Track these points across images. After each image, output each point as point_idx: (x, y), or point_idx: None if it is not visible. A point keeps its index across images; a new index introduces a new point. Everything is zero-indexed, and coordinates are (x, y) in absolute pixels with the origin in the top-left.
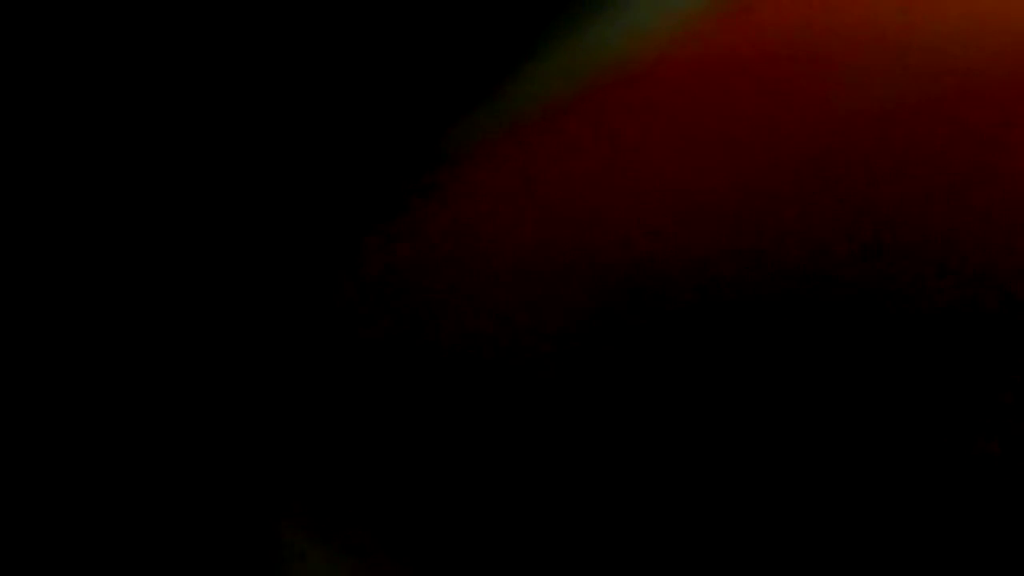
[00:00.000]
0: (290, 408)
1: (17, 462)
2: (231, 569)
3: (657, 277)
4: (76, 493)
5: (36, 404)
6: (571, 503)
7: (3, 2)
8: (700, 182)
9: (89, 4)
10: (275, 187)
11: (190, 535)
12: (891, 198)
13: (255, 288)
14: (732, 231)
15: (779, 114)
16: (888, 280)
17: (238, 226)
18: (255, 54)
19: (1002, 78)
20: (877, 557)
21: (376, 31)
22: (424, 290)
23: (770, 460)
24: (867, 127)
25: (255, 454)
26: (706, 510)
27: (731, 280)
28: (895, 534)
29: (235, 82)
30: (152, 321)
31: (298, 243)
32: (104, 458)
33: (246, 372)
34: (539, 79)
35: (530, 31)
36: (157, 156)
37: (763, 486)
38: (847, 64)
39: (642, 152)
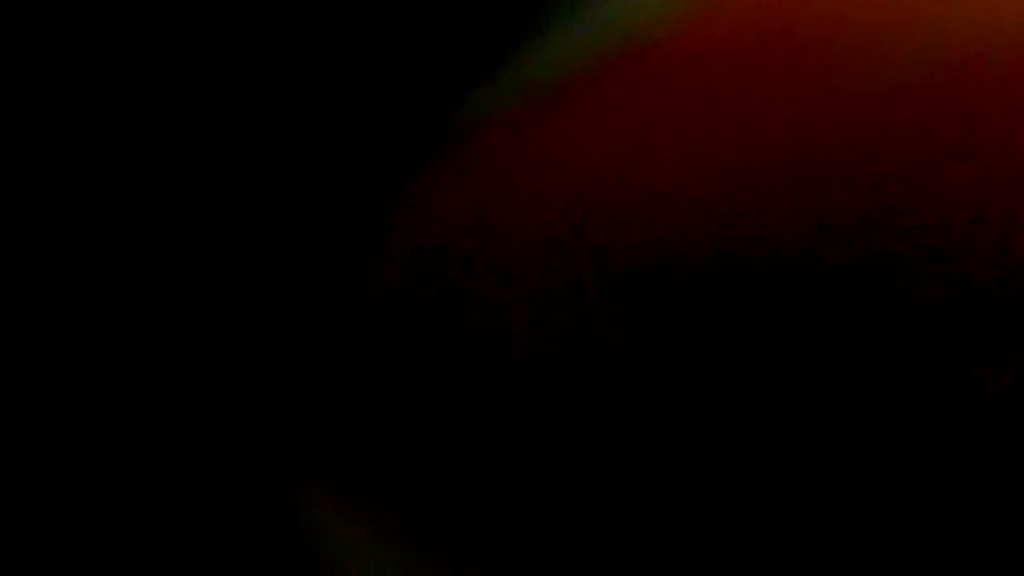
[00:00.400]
0: (308, 376)
1: (30, 431)
2: (246, 535)
3: (671, 254)
4: (90, 463)
5: (50, 380)
6: (581, 477)
7: (3, 2)
8: (712, 159)
9: (88, 4)
10: (287, 171)
11: (204, 504)
12: (895, 180)
13: (274, 262)
14: (743, 209)
15: (788, 93)
16: (891, 262)
17: (256, 209)
18: (262, 35)
19: (1003, 63)
20: (872, 545)
21: (385, 4)
22: (440, 265)
23: (771, 444)
24: (870, 108)
25: (270, 421)
26: (711, 496)
27: (742, 256)
28: (902, 526)
29: (242, 63)
30: (172, 299)
31: (313, 222)
32: (118, 427)
33: (263, 345)
34: (550, 53)
35: (542, 3)
36: (167, 136)
37: (766, 472)
38: (850, 45)
39: (655, 128)
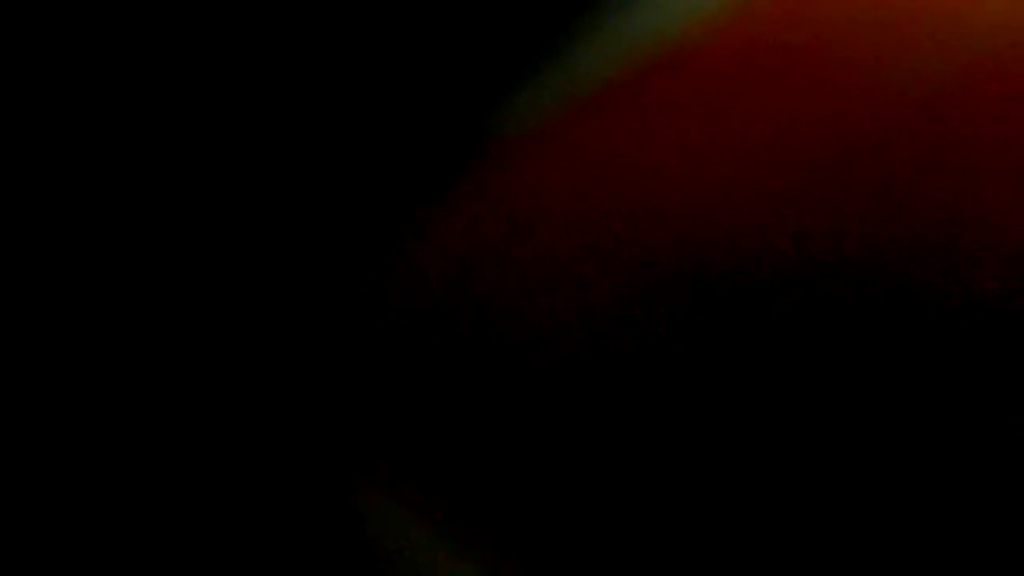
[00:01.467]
0: (354, 375)
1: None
2: (302, 532)
3: (710, 256)
4: (141, 465)
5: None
6: (623, 475)
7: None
8: (745, 167)
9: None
10: (330, 173)
11: (261, 502)
12: (929, 188)
13: (318, 265)
14: (774, 216)
15: (821, 95)
16: (920, 271)
17: (298, 213)
18: (306, 37)
19: None
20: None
21: (420, 13)
22: (479, 267)
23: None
24: (899, 115)
25: (321, 419)
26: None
27: (771, 264)
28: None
29: (277, 62)
30: (221, 301)
31: (352, 225)
32: (174, 429)
33: (308, 348)
34: (589, 58)
35: (574, 13)
36: (207, 140)
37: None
38: (881, 47)
39: (692, 132)
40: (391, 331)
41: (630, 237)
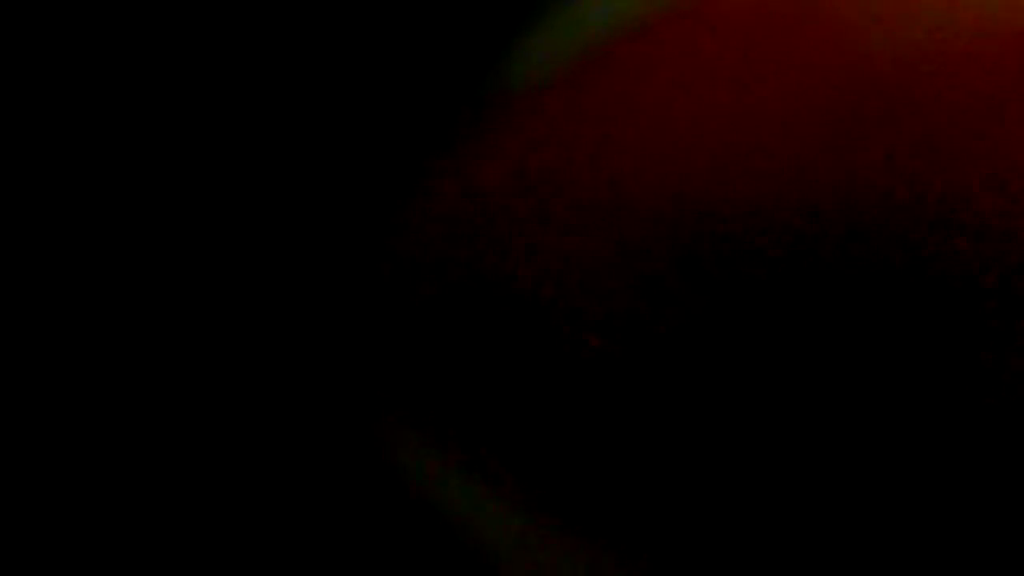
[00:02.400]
0: (386, 332)
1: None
2: (340, 482)
3: (712, 217)
4: (167, 404)
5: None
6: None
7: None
8: (754, 120)
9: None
10: (332, 139)
11: (293, 459)
12: (922, 154)
13: (326, 223)
14: (780, 176)
15: (834, 57)
16: (914, 238)
17: (304, 178)
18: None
19: None
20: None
21: None
22: (482, 228)
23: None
24: (889, 74)
25: (346, 374)
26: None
27: (781, 219)
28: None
29: (279, 27)
30: (240, 266)
31: (356, 189)
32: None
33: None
34: (587, 15)
35: None
36: (216, 106)
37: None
38: (886, 12)
39: (696, 88)
40: (398, 285)
41: (633, 194)
